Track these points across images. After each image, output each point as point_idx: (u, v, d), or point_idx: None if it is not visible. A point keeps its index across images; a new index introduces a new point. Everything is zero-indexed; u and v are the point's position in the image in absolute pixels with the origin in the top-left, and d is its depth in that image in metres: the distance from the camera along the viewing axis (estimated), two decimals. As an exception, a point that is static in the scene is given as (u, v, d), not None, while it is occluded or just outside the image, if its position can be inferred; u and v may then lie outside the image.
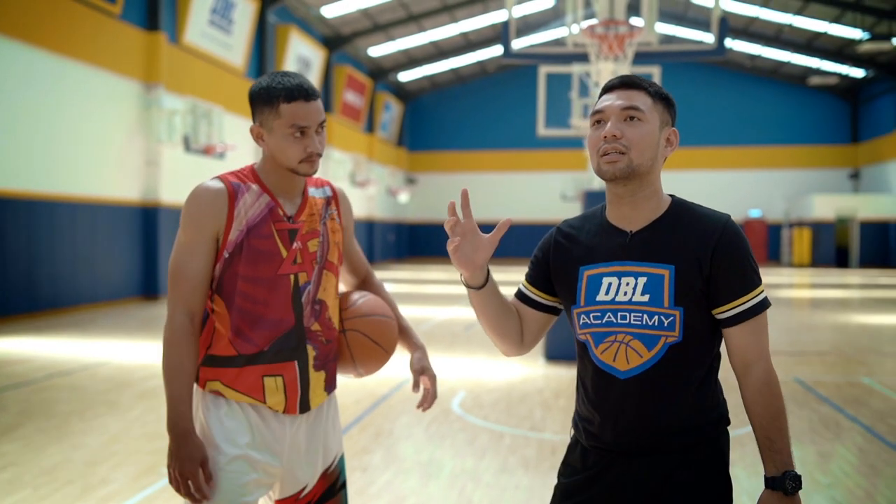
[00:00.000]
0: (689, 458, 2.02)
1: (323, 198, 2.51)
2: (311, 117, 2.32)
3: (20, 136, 13.41)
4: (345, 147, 29.16)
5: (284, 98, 2.30)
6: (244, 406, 2.35)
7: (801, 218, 32.36)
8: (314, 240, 2.42)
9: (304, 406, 2.41)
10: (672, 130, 2.08)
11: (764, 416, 2.00)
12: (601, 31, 13.56)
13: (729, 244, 2.01)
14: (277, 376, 2.35)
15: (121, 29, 16.12)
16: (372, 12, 26.69)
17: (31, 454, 5.51)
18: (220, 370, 2.35)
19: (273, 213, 2.35)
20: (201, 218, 2.30)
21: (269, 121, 2.33)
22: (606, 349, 2.04)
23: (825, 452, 5.65)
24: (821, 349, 10.57)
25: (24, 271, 13.39)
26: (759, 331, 2.02)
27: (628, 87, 2.05)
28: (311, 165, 2.36)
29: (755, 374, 2.02)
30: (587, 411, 2.11)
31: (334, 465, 2.52)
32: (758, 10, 27.95)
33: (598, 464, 2.08)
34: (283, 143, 2.32)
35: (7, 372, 8.62)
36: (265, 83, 2.34)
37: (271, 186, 2.39)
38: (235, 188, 2.33)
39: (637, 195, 2.04)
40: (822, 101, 34.91)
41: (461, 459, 5.49)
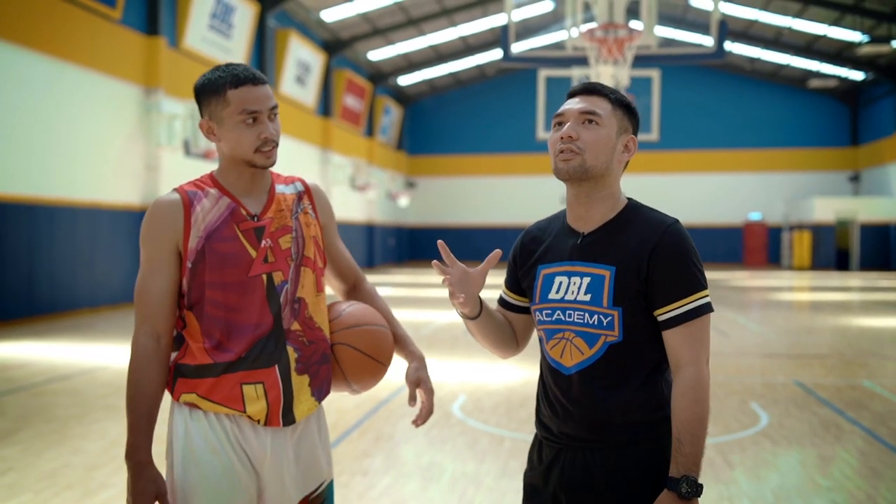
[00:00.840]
0: (628, 455, 2.07)
1: (294, 193, 2.39)
2: (261, 101, 2.22)
3: (20, 140, 13.42)
4: (344, 151, 29.16)
5: (231, 84, 2.21)
6: (221, 418, 2.22)
7: (802, 221, 32.36)
8: (286, 236, 2.30)
9: (289, 418, 2.25)
10: (630, 138, 2.17)
11: (680, 417, 2.00)
12: (601, 34, 13.57)
13: (667, 247, 2.04)
14: (257, 383, 2.21)
15: (121, 33, 16.13)
16: (371, 16, 26.72)
17: (30, 459, 5.50)
18: (195, 381, 2.23)
19: (235, 214, 2.26)
20: (158, 232, 2.23)
21: (217, 111, 2.24)
22: (555, 345, 2.15)
23: (826, 456, 5.64)
24: (821, 352, 10.56)
25: (23, 275, 13.38)
26: (693, 335, 2.03)
27: (590, 92, 2.15)
28: (268, 156, 2.25)
29: (682, 376, 2.03)
30: (541, 403, 2.23)
31: (319, 492, 2.35)
32: (757, 12, 27.97)
33: (548, 455, 2.18)
34: (235, 131, 2.22)
35: (6, 376, 8.61)
36: (209, 74, 2.27)
37: (231, 187, 2.29)
38: (191, 196, 2.25)
39: (592, 197, 2.14)
40: (822, 104, 34.93)
41: (462, 463, 5.48)
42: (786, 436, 6.17)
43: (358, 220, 30.86)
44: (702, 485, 1.97)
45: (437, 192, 37.56)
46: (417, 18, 27.68)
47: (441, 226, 37.18)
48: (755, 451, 5.74)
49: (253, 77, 2.24)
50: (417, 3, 26.78)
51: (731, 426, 6.48)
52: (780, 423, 6.56)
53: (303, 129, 25.52)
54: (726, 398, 7.53)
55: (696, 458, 1.97)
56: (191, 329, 2.24)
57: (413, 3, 26.66)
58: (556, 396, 2.16)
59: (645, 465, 2.06)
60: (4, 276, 12.95)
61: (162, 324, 2.23)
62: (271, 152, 2.26)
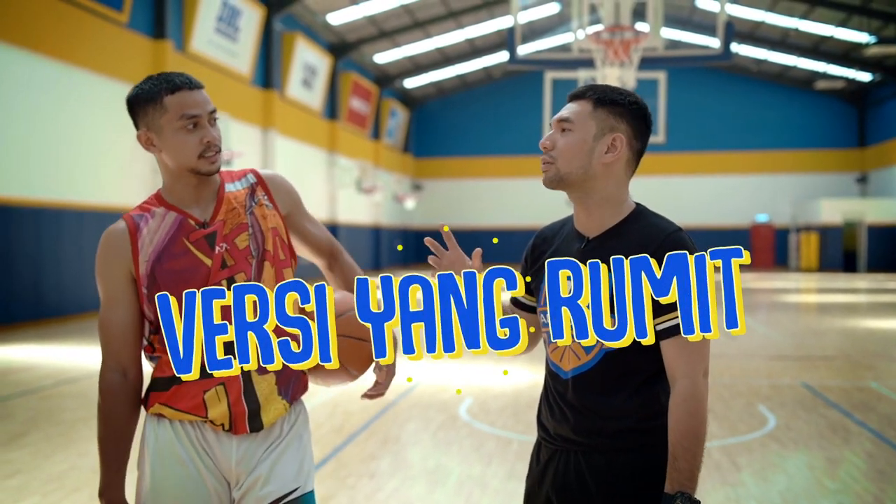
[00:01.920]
0: (621, 461, 2.06)
1: (245, 188, 2.29)
2: (200, 105, 2.16)
3: (27, 143, 13.47)
4: (351, 154, 29.20)
5: (167, 90, 2.14)
6: (186, 426, 2.18)
7: (809, 222, 32.29)
8: (242, 234, 2.21)
9: (256, 423, 2.18)
10: (616, 136, 2.10)
11: (675, 431, 1.95)
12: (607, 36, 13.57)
13: (665, 255, 1.98)
14: (218, 385, 2.14)
15: (128, 37, 16.18)
16: (378, 19, 26.75)
17: (38, 461, 5.52)
18: (161, 393, 2.19)
19: (183, 227, 2.18)
20: (109, 265, 2.18)
21: (155, 120, 2.15)
22: (555, 349, 2.15)
23: (833, 458, 5.63)
24: (828, 354, 10.53)
25: (30, 279, 13.42)
26: (690, 347, 1.96)
27: (575, 98, 2.15)
28: (212, 161, 2.17)
29: (677, 389, 1.98)
30: (542, 404, 2.24)
31: (290, 499, 2.22)
32: (763, 14, 27.92)
33: (545, 457, 2.19)
34: (176, 138, 2.14)
35: (14, 379, 8.64)
36: (142, 84, 2.19)
37: (177, 201, 2.22)
38: (136, 220, 2.19)
39: (586, 202, 2.13)
40: (829, 105, 34.84)
41: (468, 466, 5.48)
42: (793, 438, 6.16)
43: (364, 222, 30.89)
44: (698, 501, 1.92)
45: (443, 195, 37.56)
46: (424, 21, 27.71)
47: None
48: (762, 454, 5.73)
49: (189, 82, 2.17)
50: (424, 6, 26.81)
51: (738, 428, 6.47)
52: (788, 426, 6.54)
53: (309, 131, 25.56)
54: (733, 400, 7.52)
55: (691, 474, 1.92)
56: (160, 348, 2.18)
57: (419, 6, 26.69)
58: (554, 398, 2.17)
59: (637, 472, 2.04)
60: (11, 280, 12.99)
61: (126, 356, 2.20)
62: (215, 157, 2.18)
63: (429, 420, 6.84)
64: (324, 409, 7.15)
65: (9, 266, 12.91)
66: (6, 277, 12.85)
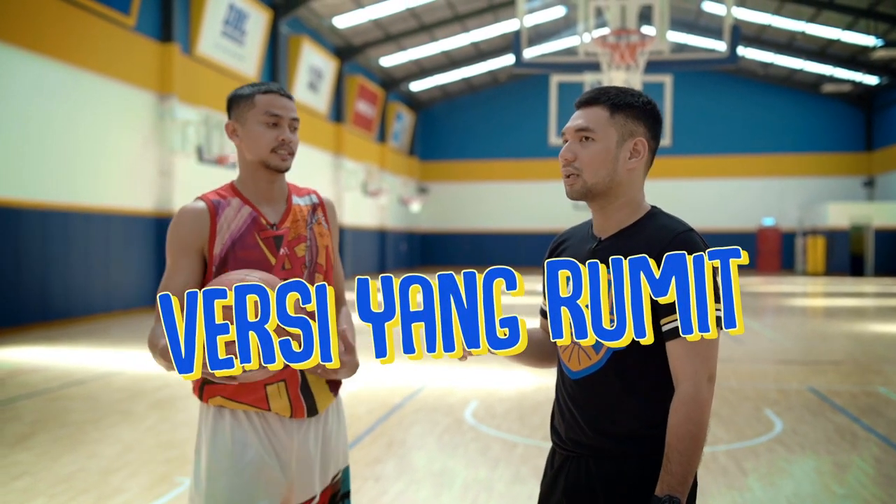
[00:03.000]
0: (630, 467, 2.04)
1: (308, 205, 2.55)
2: (284, 109, 2.41)
3: (34, 146, 13.51)
4: (357, 157, 29.23)
5: (261, 91, 2.42)
6: (250, 415, 2.37)
7: (815, 226, 32.21)
8: (301, 244, 2.45)
9: (312, 409, 2.42)
10: (637, 140, 2.09)
11: (672, 434, 1.93)
12: (613, 40, 13.57)
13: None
14: (279, 382, 2.37)
15: (135, 40, 16.23)
16: (384, 23, 26.78)
17: (45, 463, 5.53)
18: (222, 386, 2.35)
19: (256, 223, 2.40)
20: (184, 238, 2.35)
21: (243, 113, 2.42)
22: (564, 349, 2.15)
23: (841, 463, 5.61)
24: (835, 358, 10.51)
25: (37, 281, 13.46)
26: (695, 350, 1.93)
27: (588, 104, 2.12)
28: (283, 158, 2.41)
29: (679, 392, 1.95)
30: (555, 407, 2.23)
31: (339, 476, 2.54)
32: (770, 17, 27.88)
33: (558, 462, 2.17)
34: (256, 130, 2.39)
35: (21, 381, 8.66)
36: (244, 87, 2.47)
37: (251, 196, 2.44)
38: (216, 205, 2.40)
39: (606, 208, 2.12)
40: (836, 109, 34.77)
41: (474, 469, 5.47)
42: (800, 443, 6.14)
43: (370, 225, 30.91)
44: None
45: (449, 198, 37.57)
46: (430, 24, 27.73)
47: (453, 231, 37.20)
48: (769, 458, 5.72)
49: (281, 89, 2.44)
50: (430, 10, 26.84)
51: (744, 433, 6.45)
52: (795, 430, 6.53)
53: (315, 135, 25.59)
54: (740, 404, 7.50)
55: (683, 478, 1.89)
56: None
57: (425, 10, 26.72)
58: (565, 401, 2.16)
59: (644, 481, 2.01)
60: (19, 282, 13.03)
61: None
62: (287, 156, 2.42)
63: (434, 423, 6.84)
64: (330, 412, 7.14)
65: (16, 268, 12.95)
66: (14, 279, 12.89)
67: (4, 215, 12.70)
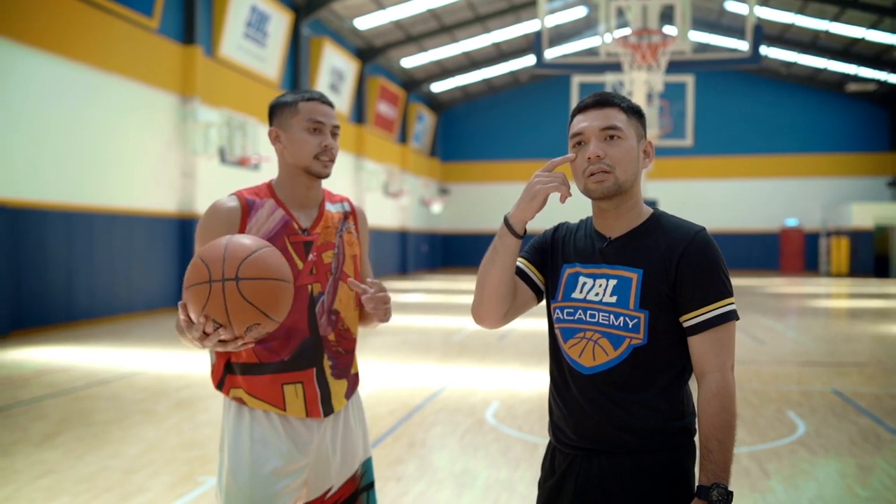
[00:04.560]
0: (646, 463, 2.05)
1: (340, 212, 2.59)
2: (326, 116, 2.46)
3: (59, 148, 13.64)
4: (378, 158, 29.29)
5: (304, 98, 2.46)
6: (269, 413, 2.41)
7: (839, 227, 31.94)
8: (329, 251, 2.49)
9: (328, 409, 2.46)
10: (647, 142, 2.18)
11: (707, 425, 2.00)
12: (634, 40, 13.52)
13: (695, 253, 2.05)
14: (297, 384, 2.41)
15: (158, 42, 16.35)
16: (405, 24, 26.83)
17: (70, 461, 5.59)
18: (243, 378, 2.40)
19: (287, 227, 2.43)
20: (215, 230, 2.36)
21: (286, 119, 2.46)
22: (575, 345, 2.14)
23: (865, 465, 5.57)
24: (860, 360, 10.41)
25: (63, 282, 13.59)
26: (719, 342, 2.03)
27: (603, 105, 2.12)
28: (325, 165, 2.46)
29: (708, 383, 2.02)
30: (555, 406, 2.21)
31: (360, 469, 2.57)
32: (793, 16, 27.68)
33: (563, 462, 2.15)
34: (300, 136, 2.43)
35: (47, 381, 8.75)
36: (286, 94, 2.52)
37: (286, 199, 2.48)
38: (250, 204, 2.43)
39: (620, 208, 2.15)
40: (860, 108, 34.46)
41: (495, 470, 5.47)
42: (823, 445, 6.10)
43: (391, 226, 30.96)
44: (732, 492, 1.96)
45: (470, 199, 37.57)
46: (450, 25, 27.75)
47: (474, 232, 37.18)
48: (792, 461, 5.68)
49: (323, 96, 2.49)
50: (450, 11, 26.86)
51: (767, 434, 6.41)
52: (818, 432, 6.48)
53: (337, 136, 25.64)
54: (763, 406, 7.46)
55: (725, 465, 1.97)
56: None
57: (446, 11, 26.74)
58: (573, 397, 2.14)
59: (661, 475, 2.04)
60: (45, 283, 13.16)
61: None
62: (328, 163, 2.47)
63: (455, 424, 6.84)
64: (351, 412, 7.16)
65: (42, 269, 13.08)
66: (39, 281, 13.03)
67: (30, 217, 12.84)
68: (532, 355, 10.53)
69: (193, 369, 9.39)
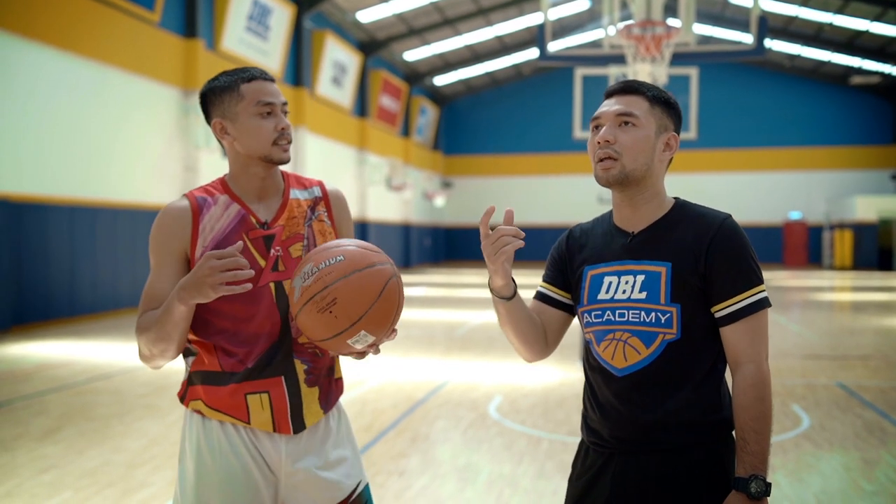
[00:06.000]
0: (684, 459, 2.01)
1: (309, 199, 2.32)
2: (274, 94, 2.21)
3: (61, 142, 13.62)
4: (380, 151, 29.25)
5: (243, 80, 2.20)
6: (227, 426, 2.18)
7: (843, 220, 31.86)
8: (297, 244, 2.24)
9: (299, 425, 2.20)
10: (671, 135, 2.11)
11: (743, 416, 1.97)
12: (638, 32, 13.44)
13: (724, 241, 2.02)
14: (262, 393, 2.17)
15: (159, 36, 16.32)
16: (407, 17, 26.77)
17: (72, 456, 5.57)
18: (203, 388, 2.20)
19: (244, 223, 2.21)
20: (165, 240, 2.18)
21: (231, 107, 2.20)
22: (606, 347, 2.10)
23: (870, 459, 5.54)
24: (864, 353, 10.38)
25: (65, 276, 13.58)
26: (752, 331, 2.00)
27: (627, 92, 2.10)
28: (284, 150, 2.21)
29: (743, 374, 1.99)
30: (589, 407, 2.17)
31: (356, 495, 2.28)
32: (797, 9, 27.58)
33: (596, 462, 2.11)
34: (251, 124, 2.18)
35: (50, 375, 8.74)
36: (218, 77, 2.25)
37: (242, 193, 2.25)
38: (200, 203, 2.20)
39: (635, 199, 2.10)
40: (864, 101, 34.35)
41: (498, 464, 5.45)
42: (828, 438, 6.07)
43: (394, 220, 30.94)
44: (770, 483, 1.93)
45: (473, 192, 37.53)
46: (453, 18, 27.68)
47: (477, 226, 37.02)
48: (797, 454, 5.65)
49: (263, 73, 2.23)
50: (453, 3, 26.78)
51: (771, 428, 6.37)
52: (822, 426, 6.45)
53: (339, 129, 25.63)
54: (767, 400, 7.41)
55: (763, 456, 1.94)
56: (198, 338, 2.21)
57: (449, 3, 26.67)
58: (607, 399, 2.09)
59: (699, 469, 2.00)
60: (47, 277, 13.16)
61: None
62: (287, 146, 2.23)
63: (458, 418, 6.82)
64: (353, 407, 7.16)
65: (44, 263, 13.08)
66: (42, 274, 13.02)
67: (32, 211, 12.82)
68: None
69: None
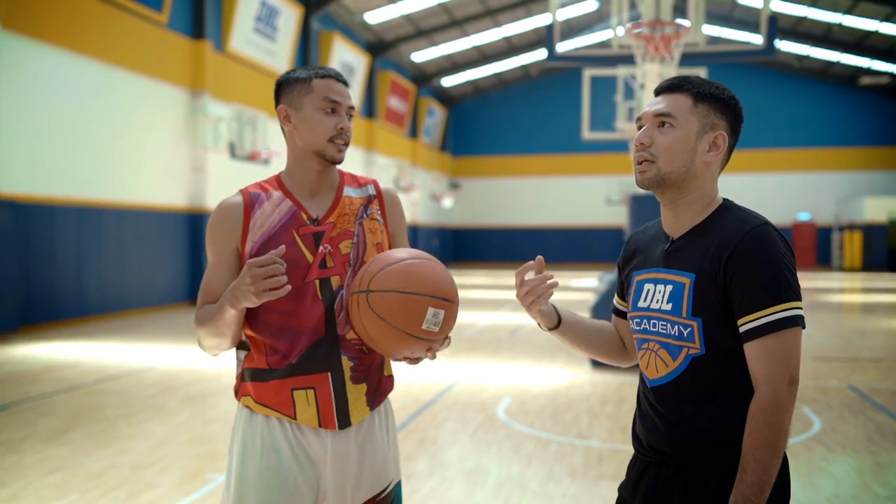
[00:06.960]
0: (712, 474, 1.92)
1: (363, 197, 2.35)
2: (342, 95, 2.26)
3: (69, 143, 13.63)
4: (388, 152, 29.24)
5: (318, 75, 2.26)
6: (281, 421, 2.22)
7: (852, 221, 31.73)
8: (347, 241, 2.26)
9: (344, 421, 2.23)
10: (719, 133, 2.00)
11: (748, 441, 1.82)
12: (647, 32, 13.39)
13: (747, 252, 1.86)
14: (308, 389, 2.20)
15: (167, 37, 16.33)
16: (415, 18, 26.76)
17: (79, 458, 5.55)
18: (252, 384, 2.24)
19: (295, 219, 2.24)
20: (219, 235, 2.25)
21: (298, 97, 2.25)
22: (642, 356, 2.07)
23: (882, 462, 5.48)
24: (875, 355, 10.31)
25: (73, 277, 13.59)
26: (772, 351, 1.82)
27: (672, 90, 2.02)
28: (339, 150, 2.25)
29: (756, 396, 1.85)
30: (637, 415, 2.14)
31: (387, 492, 2.32)
32: (806, 9, 27.47)
33: (638, 469, 2.08)
34: (313, 117, 2.23)
35: (57, 376, 8.74)
36: (297, 69, 2.31)
37: (295, 189, 2.28)
38: (253, 199, 2.25)
39: (677, 202, 2.01)
40: (873, 102, 34.20)
41: (507, 467, 5.41)
42: (840, 442, 6.01)
43: (402, 221, 30.89)
44: None
45: (481, 194, 37.49)
46: (461, 19, 27.66)
47: (485, 227, 37.11)
48: (808, 458, 5.60)
49: (339, 74, 2.29)
50: (461, 4, 26.76)
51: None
52: (834, 429, 6.39)
53: (347, 130, 25.61)
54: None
55: (759, 488, 1.79)
56: (250, 333, 2.25)
57: (456, 4, 26.64)
58: (646, 408, 2.05)
59: (727, 489, 1.89)
60: (55, 278, 13.17)
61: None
62: (343, 147, 2.26)
63: (467, 420, 6.79)
64: (361, 408, 7.12)
65: (52, 264, 13.09)
66: (49, 275, 13.03)
67: (40, 212, 12.83)
68: (545, 351, 10.46)
69: (203, 365, 9.36)
